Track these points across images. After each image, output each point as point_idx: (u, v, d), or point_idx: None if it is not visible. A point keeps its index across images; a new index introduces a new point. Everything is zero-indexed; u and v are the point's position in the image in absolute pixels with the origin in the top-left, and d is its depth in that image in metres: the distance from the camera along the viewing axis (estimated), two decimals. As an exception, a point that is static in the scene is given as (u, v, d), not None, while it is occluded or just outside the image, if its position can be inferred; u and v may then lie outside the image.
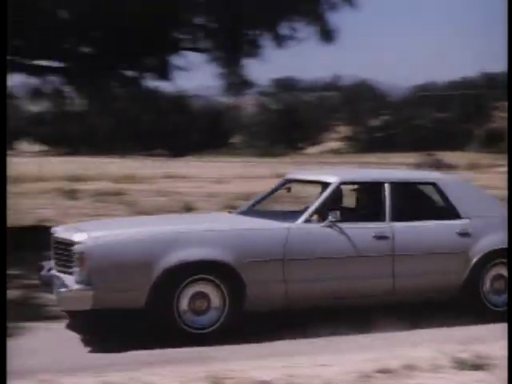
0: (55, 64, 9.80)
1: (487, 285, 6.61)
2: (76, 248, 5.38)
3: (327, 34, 9.65)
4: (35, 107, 42.73)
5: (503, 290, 6.64)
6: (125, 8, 7.99)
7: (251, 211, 6.73)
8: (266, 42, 9.65)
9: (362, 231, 6.25)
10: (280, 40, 9.60)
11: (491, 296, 6.61)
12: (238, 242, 5.79)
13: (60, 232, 5.87)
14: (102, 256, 5.38)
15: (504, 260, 6.63)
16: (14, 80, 10.77)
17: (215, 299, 5.63)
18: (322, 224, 6.08)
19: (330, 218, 6.07)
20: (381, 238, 6.28)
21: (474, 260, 6.55)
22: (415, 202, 6.88)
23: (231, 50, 9.39)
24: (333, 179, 6.44)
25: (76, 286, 5.30)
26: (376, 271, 6.24)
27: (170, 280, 5.47)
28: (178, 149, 44.79)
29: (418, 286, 6.42)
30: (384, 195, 6.45)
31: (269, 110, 65.49)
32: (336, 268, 6.09)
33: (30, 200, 16.76)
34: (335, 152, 63.82)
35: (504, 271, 6.66)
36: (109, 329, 5.73)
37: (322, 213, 6.14)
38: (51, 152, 47.03)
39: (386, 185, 6.50)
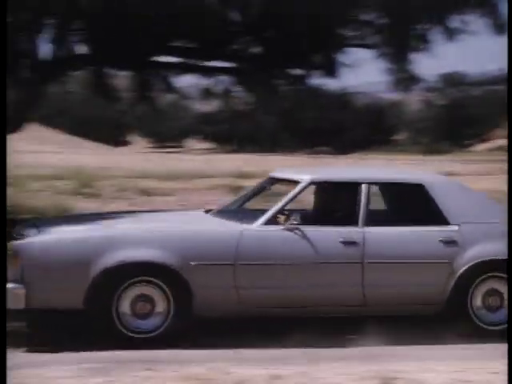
0: (226, 64, 10.11)
1: (477, 301, 5.91)
2: (11, 245, 5.25)
3: (499, 27, 9.25)
4: (205, 107, 44.33)
5: (499, 306, 5.91)
6: (292, 8, 8.09)
7: (226, 211, 6.30)
8: (435, 36, 9.42)
9: (328, 236, 5.75)
10: (450, 33, 9.31)
11: (483, 313, 5.91)
12: (183, 244, 5.46)
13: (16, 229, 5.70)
14: (36, 255, 5.24)
15: (500, 274, 5.86)
16: (186, 81, 11.26)
17: (160, 303, 5.41)
18: (282, 227, 5.64)
19: (290, 220, 5.65)
20: (349, 243, 5.74)
21: (460, 272, 5.84)
22: (396, 205, 6.47)
23: (399, 45, 9.23)
24: (302, 177, 5.94)
25: (9, 285, 5.10)
26: (342, 280, 5.70)
27: (109, 281, 5.30)
28: (341, 146, 44.67)
29: (393, 298, 5.80)
30: (359, 197, 5.88)
31: (435, 106, 63.63)
32: (294, 275, 5.62)
33: (198, 196, 17.39)
34: (504, 149, 60.78)
35: (500, 286, 5.92)
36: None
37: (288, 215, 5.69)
38: (219, 150, 48.54)
39: (362, 185, 5.91)
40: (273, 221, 5.68)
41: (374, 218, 5.89)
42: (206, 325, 5.71)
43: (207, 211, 6.40)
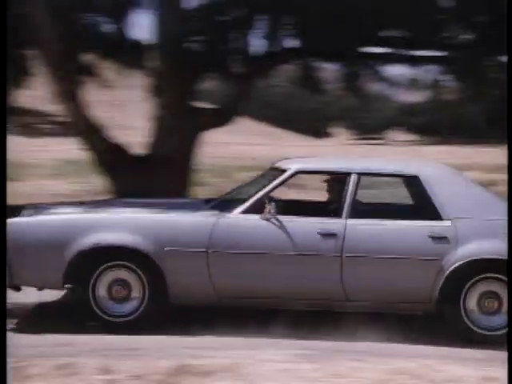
0: (435, 53, 9.86)
1: (472, 302, 5.47)
2: None
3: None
4: (410, 97, 43.49)
5: (497, 310, 5.46)
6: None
7: (217, 199, 6.13)
8: None
9: (305, 227, 5.52)
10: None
11: (478, 317, 5.47)
12: (156, 230, 5.49)
13: None
14: (14, 235, 5.33)
15: (496, 275, 5.43)
16: (393, 71, 11.10)
17: (135, 287, 5.49)
18: (260, 216, 5.50)
19: (268, 209, 5.49)
20: (328, 235, 5.48)
21: (449, 270, 5.42)
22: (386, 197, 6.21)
23: None
24: (290, 166, 5.77)
25: None
26: (319, 273, 5.47)
27: (85, 264, 5.45)
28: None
29: (376, 295, 5.51)
30: (346, 188, 5.62)
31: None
32: (269, 266, 5.47)
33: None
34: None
35: (499, 288, 5.46)
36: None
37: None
38: (423, 141, 47.43)
39: (351, 176, 5.65)
40: (253, 210, 5.57)
41: (361, 210, 5.66)
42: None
43: (208, 200, 6.29)
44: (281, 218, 5.56)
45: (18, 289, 5.70)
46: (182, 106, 9.16)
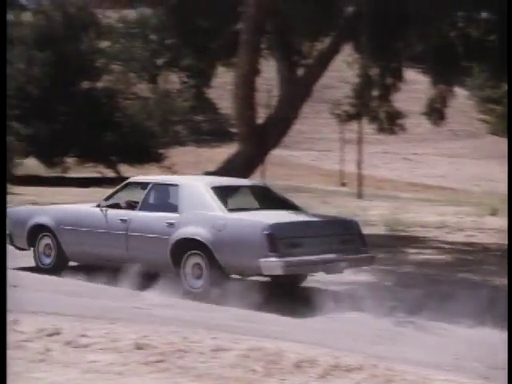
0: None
1: (188, 269, 8.66)
2: None
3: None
4: None
5: (199, 275, 8.59)
6: None
7: (101, 203, 9.92)
8: None
9: (114, 215, 9.59)
10: None
11: (190, 278, 8.66)
12: (58, 216, 10.26)
13: None
14: (9, 216, 9.40)
15: (198, 251, 8.63)
16: None
17: (52, 248, 10.26)
18: (99, 208, 9.85)
19: (100, 204, 9.86)
20: (123, 221, 9.44)
21: (171, 244, 8.82)
22: (161, 197, 9.44)
23: None
24: (128, 180, 10.27)
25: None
26: (116, 243, 9.43)
27: (32, 233, 10.42)
28: None
29: (140, 259, 9.07)
30: (144, 192, 9.55)
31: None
32: (92, 238, 9.79)
33: None
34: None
35: (200, 260, 8.60)
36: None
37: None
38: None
39: (149, 184, 9.57)
40: (103, 205, 9.84)
41: (145, 206, 9.42)
42: None
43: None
44: (109, 209, 9.75)
45: (19, 248, 10.80)
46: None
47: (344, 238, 9.13)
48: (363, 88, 18.12)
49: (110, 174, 40.73)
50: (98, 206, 9.82)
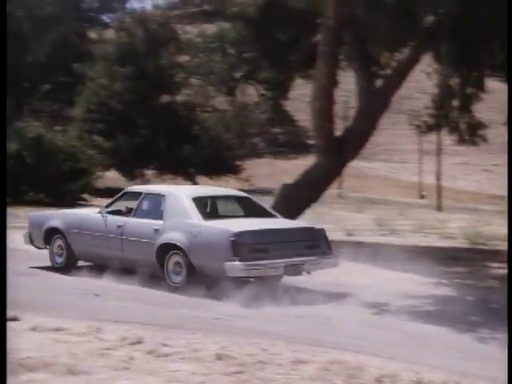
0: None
1: (170, 267, 10.05)
2: None
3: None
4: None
5: (179, 272, 10.00)
6: None
7: (102, 210, 11.40)
8: None
9: (111, 221, 10.90)
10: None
11: (172, 275, 10.07)
12: (68, 220, 11.62)
13: None
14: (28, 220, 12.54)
15: (178, 251, 9.99)
16: None
17: (63, 248, 11.58)
18: (100, 214, 11.24)
19: (101, 210, 11.35)
20: (119, 226, 10.78)
21: (156, 247, 10.19)
22: (151, 206, 10.71)
23: None
24: (125, 190, 11.85)
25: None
26: (114, 245, 10.73)
27: (47, 235, 11.75)
28: None
29: (132, 259, 10.53)
30: (138, 201, 10.90)
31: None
32: (94, 240, 11.07)
33: None
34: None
35: (179, 259, 10.00)
36: None
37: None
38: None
39: (141, 194, 10.92)
40: (103, 211, 11.26)
41: (137, 213, 10.75)
42: None
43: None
44: (108, 216, 11.06)
45: (38, 247, 12.20)
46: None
47: (310, 244, 10.24)
48: (443, 98, 17.81)
49: (188, 185, 41.34)
50: (100, 212, 11.17)
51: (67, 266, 11.37)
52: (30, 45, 72.42)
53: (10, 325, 6.98)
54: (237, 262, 9.34)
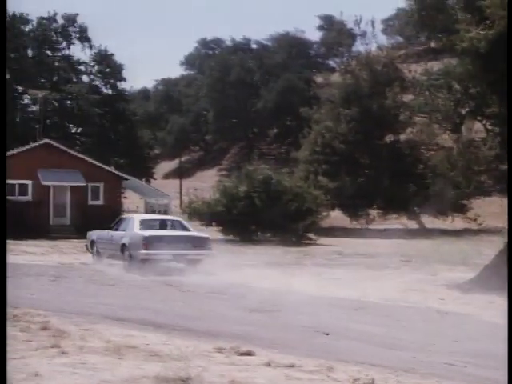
0: None
1: (124, 255, 18.49)
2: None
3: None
4: None
5: (127, 257, 18.22)
6: None
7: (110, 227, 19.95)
8: None
9: (110, 233, 19.31)
10: None
11: (125, 259, 18.36)
12: (97, 235, 20.45)
13: None
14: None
15: (126, 246, 18.32)
16: None
17: (96, 252, 20.56)
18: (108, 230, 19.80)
19: (110, 228, 19.86)
20: (111, 235, 19.23)
21: (120, 245, 18.48)
22: (124, 224, 19.62)
23: None
24: (120, 217, 21.91)
25: None
26: (111, 246, 18.84)
27: (91, 244, 21.06)
28: None
29: (114, 253, 18.82)
30: (122, 221, 20.02)
31: None
32: (105, 244, 19.51)
33: None
34: None
35: (127, 251, 18.15)
36: None
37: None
38: None
39: (123, 218, 20.60)
40: (110, 228, 19.88)
41: (119, 228, 19.44)
42: None
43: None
44: (110, 231, 19.47)
45: (91, 252, 20.67)
46: None
47: (195, 244, 18.17)
48: None
49: (412, 225, 40.60)
50: (110, 229, 19.67)
51: (97, 261, 19.81)
52: (261, 92, 76.28)
53: (244, 359, 7.29)
54: (143, 251, 17.47)
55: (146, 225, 18.64)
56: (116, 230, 19.08)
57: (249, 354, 7.51)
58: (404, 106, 43.16)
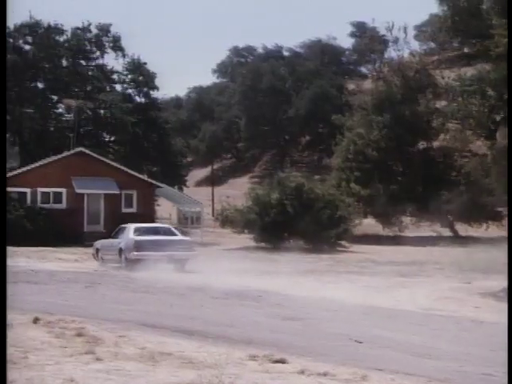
0: None
1: (122, 257, 21.98)
2: None
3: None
4: None
5: (124, 259, 21.99)
6: None
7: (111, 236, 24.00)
8: None
9: (111, 241, 23.08)
10: None
11: (122, 261, 22.10)
12: (101, 243, 23.96)
13: None
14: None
15: (123, 250, 21.98)
16: None
17: (101, 258, 24.03)
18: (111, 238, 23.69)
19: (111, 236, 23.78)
20: (111, 242, 22.81)
21: (118, 249, 22.06)
22: (122, 232, 22.91)
23: None
24: (119, 226, 23.88)
25: None
26: (112, 252, 22.31)
27: (96, 251, 24.43)
28: None
29: (113, 255, 22.36)
30: (121, 230, 23.03)
31: None
32: (108, 250, 22.86)
33: None
34: None
35: (123, 254, 21.75)
36: None
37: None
38: None
39: (122, 227, 23.33)
40: (112, 236, 23.78)
41: (118, 236, 23.01)
42: None
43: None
44: (111, 239, 23.28)
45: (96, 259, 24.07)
46: None
47: (182, 247, 21.32)
48: None
49: (446, 232, 40.21)
50: (111, 237, 23.11)
51: (102, 266, 22.62)
52: (292, 100, 76.33)
53: (277, 367, 7.28)
54: (135, 252, 20.82)
55: (139, 232, 21.77)
56: (116, 237, 22.40)
57: (282, 361, 7.50)
58: (437, 112, 42.80)
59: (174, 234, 22.15)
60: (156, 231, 22.40)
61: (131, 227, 22.20)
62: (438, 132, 42.88)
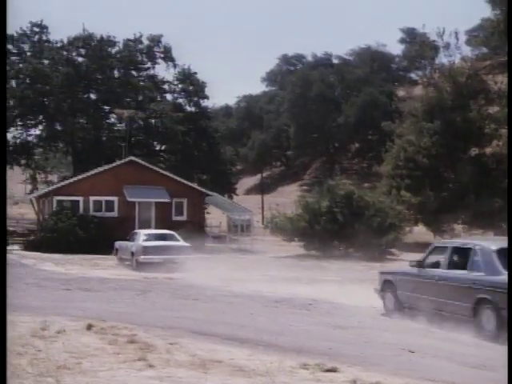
0: None
1: (133, 264, 24.90)
2: None
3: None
4: None
5: (134, 265, 25.05)
6: None
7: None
8: None
9: (125, 243, 26.27)
10: None
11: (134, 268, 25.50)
12: (119, 244, 27.14)
13: None
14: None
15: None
16: None
17: (118, 257, 27.59)
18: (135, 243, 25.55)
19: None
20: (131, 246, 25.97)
21: (131, 251, 25.19)
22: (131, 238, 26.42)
23: None
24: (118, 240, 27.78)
25: None
26: (127, 254, 25.64)
27: (116, 251, 27.79)
28: None
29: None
30: (138, 236, 26.08)
31: None
32: (123, 252, 26.35)
33: None
34: None
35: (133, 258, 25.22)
36: None
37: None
38: None
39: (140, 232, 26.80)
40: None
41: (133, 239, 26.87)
42: None
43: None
44: (128, 242, 25.72)
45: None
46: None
47: (180, 250, 23.84)
48: None
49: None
50: (127, 240, 25.94)
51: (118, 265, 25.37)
52: (342, 107, 76.06)
53: (329, 375, 7.23)
54: (142, 256, 23.54)
55: (148, 237, 24.99)
56: (131, 240, 25.27)
57: (334, 370, 7.45)
58: (489, 118, 42.09)
59: (177, 240, 24.96)
60: (162, 237, 25.21)
61: (141, 233, 25.60)
62: (491, 138, 42.14)
